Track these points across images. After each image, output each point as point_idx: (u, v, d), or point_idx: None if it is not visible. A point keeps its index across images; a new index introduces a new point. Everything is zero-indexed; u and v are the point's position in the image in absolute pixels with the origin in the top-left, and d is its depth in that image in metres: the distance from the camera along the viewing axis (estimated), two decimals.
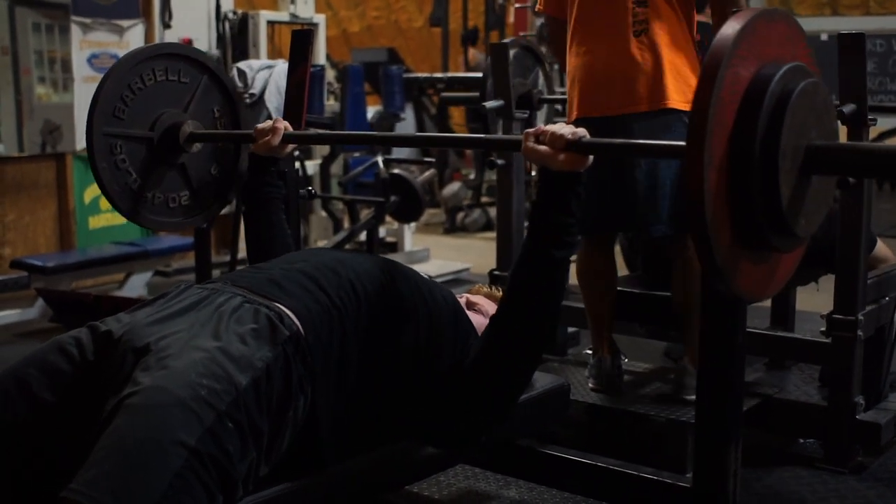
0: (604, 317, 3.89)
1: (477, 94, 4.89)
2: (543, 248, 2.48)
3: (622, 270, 4.50)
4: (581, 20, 3.67)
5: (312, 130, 3.96)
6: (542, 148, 2.41)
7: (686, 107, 3.49)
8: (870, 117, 3.68)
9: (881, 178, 3.63)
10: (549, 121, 5.11)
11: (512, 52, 4.74)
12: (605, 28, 3.60)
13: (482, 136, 3.58)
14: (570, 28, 3.75)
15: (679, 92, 3.51)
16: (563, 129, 2.40)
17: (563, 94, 4.52)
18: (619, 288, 3.92)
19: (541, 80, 4.91)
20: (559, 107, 9.93)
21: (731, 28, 1.84)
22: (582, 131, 2.41)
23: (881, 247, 4.29)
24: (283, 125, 3.06)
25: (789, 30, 2.01)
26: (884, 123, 4.36)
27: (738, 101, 1.86)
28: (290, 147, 3.15)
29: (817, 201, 2.01)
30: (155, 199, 3.26)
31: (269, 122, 3.06)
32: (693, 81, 3.52)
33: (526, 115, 4.60)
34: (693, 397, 3.58)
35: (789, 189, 1.89)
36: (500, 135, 4.32)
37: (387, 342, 2.51)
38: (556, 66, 10.61)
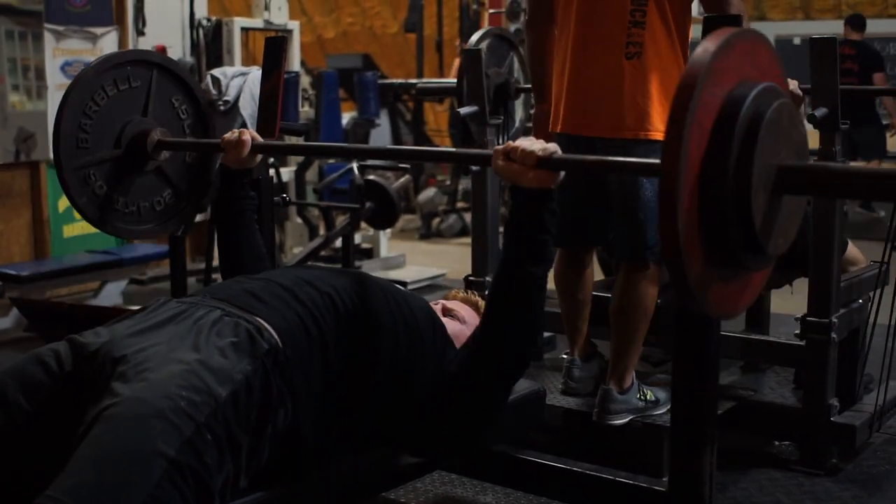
0: (578, 323, 3.89)
1: (454, 82, 4.88)
2: (520, 265, 2.47)
3: (599, 275, 4.51)
4: (573, 34, 3.59)
5: (284, 140, 3.94)
6: (513, 165, 2.40)
7: None
8: (842, 121, 3.70)
9: (850, 198, 3.66)
10: (528, 108, 5.10)
11: (485, 43, 4.74)
12: (598, 47, 3.52)
13: (452, 150, 3.56)
14: (561, 39, 3.67)
15: (664, 123, 3.47)
16: (534, 145, 2.38)
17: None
18: (594, 293, 3.92)
19: (516, 67, 4.89)
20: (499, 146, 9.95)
21: (706, 48, 1.84)
22: (553, 147, 2.39)
23: (852, 249, 4.31)
24: (250, 135, 3.02)
25: (762, 49, 2.02)
26: None
27: (712, 122, 1.87)
28: (260, 156, 3.12)
29: (789, 220, 2.02)
30: (141, 209, 3.26)
31: (235, 133, 3.02)
32: None
33: (500, 121, 4.60)
34: (618, 421, 3.60)
35: (761, 209, 1.90)
36: (469, 150, 4.31)
37: (366, 354, 2.50)
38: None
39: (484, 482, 3.61)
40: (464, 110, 4.46)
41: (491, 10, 12.31)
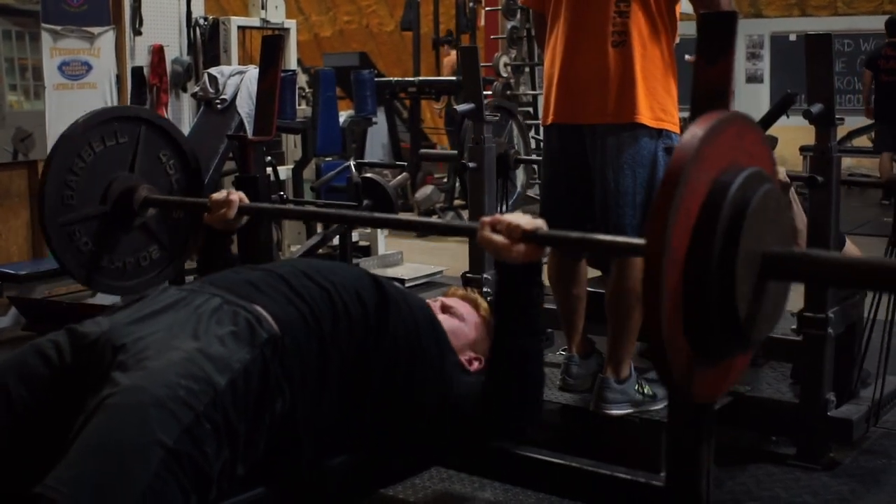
0: (574, 319, 3.90)
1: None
2: (512, 342, 2.50)
3: (594, 272, 4.52)
4: (563, 25, 3.67)
5: (270, 203, 3.86)
6: (498, 238, 2.40)
7: (654, 123, 3.54)
8: (837, 117, 3.71)
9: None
10: (529, 176, 5.09)
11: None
12: (585, 36, 3.61)
13: (435, 220, 3.47)
14: (550, 30, 3.75)
15: (649, 108, 3.53)
16: (520, 219, 2.40)
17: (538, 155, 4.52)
18: (589, 289, 3.94)
19: (515, 135, 4.86)
20: (524, 99, 9.93)
21: (693, 133, 1.83)
22: (539, 222, 2.41)
23: (850, 245, 4.33)
24: (238, 196, 3.02)
25: (750, 132, 2.01)
26: (851, 122, 4.40)
27: (698, 207, 1.85)
28: (245, 218, 3.08)
29: (774, 305, 2.00)
30: (126, 265, 3.26)
31: (223, 193, 3.02)
32: (663, 99, 3.56)
33: (497, 118, 4.61)
34: (614, 412, 3.63)
35: (746, 298, 1.89)
36: (456, 222, 4.29)
37: (363, 349, 2.51)
38: (514, 55, 10.69)
39: (482, 478, 3.61)
40: (461, 107, 4.47)
41: (487, 8, 12.33)
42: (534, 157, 5.68)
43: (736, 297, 1.85)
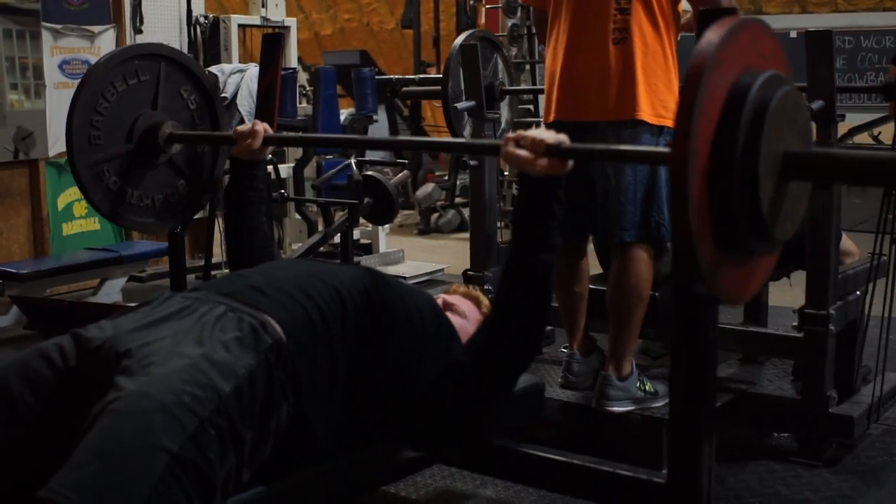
0: (576, 316, 3.91)
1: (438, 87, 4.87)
2: (529, 252, 2.50)
3: (595, 269, 4.52)
4: (564, 22, 3.67)
5: (293, 134, 3.97)
6: (523, 153, 2.42)
7: (655, 120, 3.54)
8: (838, 114, 3.71)
9: (854, 184, 3.67)
10: (514, 110, 5.08)
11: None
12: (587, 34, 3.62)
13: (462, 140, 3.55)
14: (551, 27, 3.76)
15: (650, 105, 3.54)
16: (544, 133, 2.42)
17: (526, 86, 4.52)
18: (591, 286, 3.94)
19: (500, 69, 4.86)
20: (524, 97, 9.90)
21: (709, 39, 1.86)
22: (563, 137, 2.44)
23: (846, 241, 4.33)
24: (263, 127, 3.05)
25: (766, 37, 2.04)
26: (852, 119, 4.39)
27: (718, 111, 1.89)
28: (270, 148, 3.15)
29: (795, 205, 2.05)
30: (155, 201, 3.29)
31: (248, 125, 3.05)
32: (664, 96, 3.57)
33: (497, 115, 4.61)
34: (616, 409, 3.63)
35: (769, 196, 1.93)
36: (480, 140, 4.30)
37: (372, 347, 2.52)
38: (514, 53, 10.68)
39: (484, 475, 3.61)
40: (461, 105, 4.47)
41: (487, 6, 12.31)
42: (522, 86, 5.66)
43: (759, 194, 1.90)
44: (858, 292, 4.04)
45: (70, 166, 3.16)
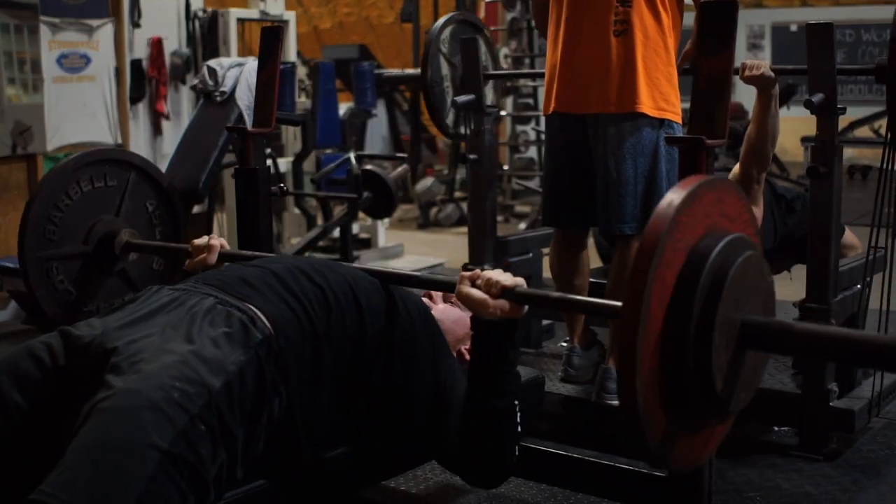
0: None
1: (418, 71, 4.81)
2: (483, 399, 2.44)
3: (596, 262, 4.51)
4: (565, 13, 3.67)
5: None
6: (476, 293, 2.36)
7: (656, 113, 3.54)
8: (839, 107, 3.70)
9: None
10: (497, 94, 5.03)
11: (448, 30, 4.68)
12: (588, 25, 3.61)
13: (418, 274, 3.40)
14: (552, 18, 3.75)
15: (651, 98, 3.54)
16: (500, 275, 2.36)
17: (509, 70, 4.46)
18: (591, 279, 3.93)
19: (484, 51, 4.78)
20: (524, 90, 9.86)
21: (670, 201, 1.79)
22: (519, 280, 2.37)
23: (848, 234, 4.32)
24: (220, 242, 2.99)
25: (730, 196, 1.97)
26: (852, 113, 4.39)
27: (675, 278, 1.82)
28: (226, 265, 2.98)
29: (752, 374, 1.97)
30: (100, 309, 3.23)
31: (205, 239, 3.00)
32: (665, 88, 3.57)
33: (496, 110, 4.61)
34: (616, 402, 3.63)
35: (724, 367, 1.86)
36: (436, 276, 4.23)
37: (358, 347, 2.50)
38: (514, 47, 10.66)
39: None
40: (460, 98, 4.45)
41: (487, 0, 12.30)
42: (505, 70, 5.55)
43: (713, 370, 1.82)
44: (859, 285, 4.03)
45: (18, 257, 3.12)
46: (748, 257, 1.89)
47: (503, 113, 10.15)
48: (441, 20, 4.75)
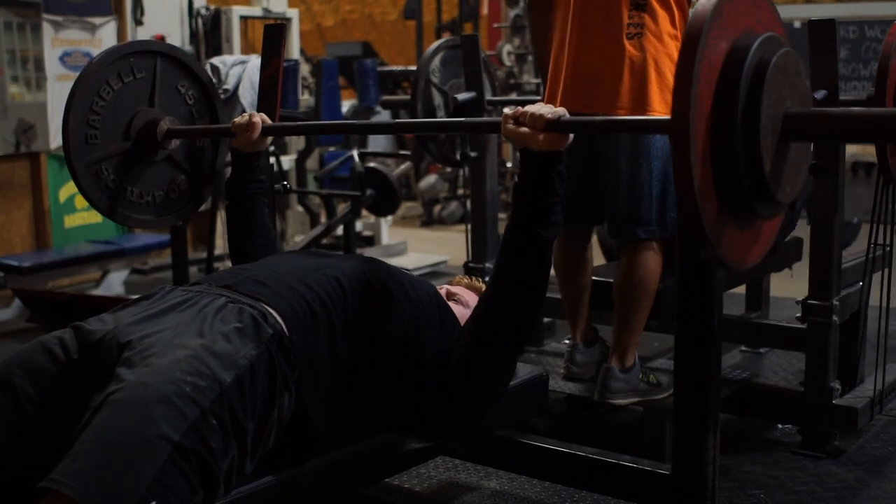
0: (579, 306, 3.90)
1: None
2: (530, 227, 2.49)
3: (599, 259, 4.51)
4: (574, 13, 3.62)
5: (292, 122, 3.95)
6: (522, 129, 2.42)
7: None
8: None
9: (854, 142, 3.66)
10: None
11: (438, 57, 4.63)
12: (600, 28, 3.56)
13: (462, 119, 3.48)
14: (560, 21, 3.70)
15: (664, 102, 3.50)
16: (543, 108, 2.41)
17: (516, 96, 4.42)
18: (595, 277, 3.93)
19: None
20: (528, 88, 9.84)
21: (707, 2, 1.86)
22: (561, 110, 2.42)
23: None
24: (261, 118, 3.05)
25: (764, 2, 2.05)
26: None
27: (717, 75, 1.89)
28: (270, 139, 3.15)
29: (796, 167, 2.05)
30: (156, 197, 3.28)
31: (245, 116, 3.05)
32: None
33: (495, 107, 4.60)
34: (619, 401, 3.63)
35: (770, 158, 1.93)
36: (479, 119, 4.24)
37: (374, 338, 2.51)
38: (517, 43, 10.64)
39: (487, 467, 3.61)
40: (461, 96, 4.44)
41: None
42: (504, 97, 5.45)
43: (761, 155, 1.90)
44: (862, 282, 4.02)
45: (68, 166, 3.15)
46: (786, 53, 1.98)
47: (506, 111, 10.16)
48: (429, 49, 4.70)
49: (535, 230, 2.48)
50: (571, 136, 2.47)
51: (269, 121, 3.08)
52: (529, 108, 2.42)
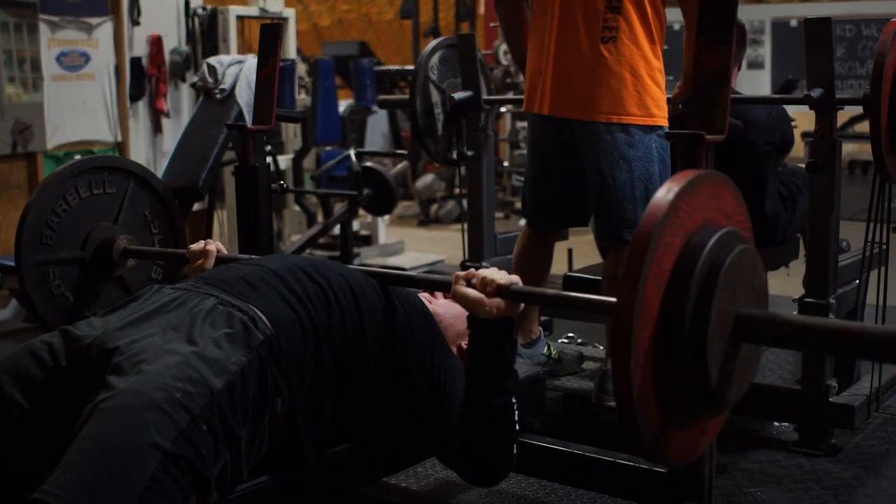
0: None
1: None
2: (481, 397, 2.46)
3: (597, 258, 4.51)
4: (552, 18, 3.63)
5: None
6: (472, 292, 2.38)
7: (646, 120, 3.53)
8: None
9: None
10: (491, 118, 4.98)
11: (437, 56, 4.62)
12: (576, 32, 3.57)
13: (413, 275, 3.36)
14: (541, 20, 3.71)
15: (641, 106, 3.52)
16: (495, 274, 2.38)
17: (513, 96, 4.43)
18: (589, 276, 3.94)
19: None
20: (509, 80, 9.82)
21: (669, 188, 1.78)
22: (514, 278, 2.39)
23: None
24: (216, 247, 2.97)
25: (727, 192, 1.96)
26: (852, 108, 4.38)
27: (667, 277, 1.80)
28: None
29: (745, 367, 1.97)
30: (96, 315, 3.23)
31: (201, 244, 2.98)
32: (655, 93, 3.56)
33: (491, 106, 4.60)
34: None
35: (718, 363, 1.85)
36: (430, 276, 4.19)
37: (358, 345, 2.50)
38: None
39: None
40: (458, 95, 4.44)
41: None
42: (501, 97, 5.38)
43: (708, 359, 1.81)
44: (858, 280, 4.03)
45: (15, 262, 3.10)
46: (743, 250, 1.89)
47: (503, 109, 10.16)
48: (428, 47, 4.70)
49: (487, 399, 2.45)
50: (522, 305, 2.42)
51: (224, 250, 2.99)
52: (482, 272, 2.38)
